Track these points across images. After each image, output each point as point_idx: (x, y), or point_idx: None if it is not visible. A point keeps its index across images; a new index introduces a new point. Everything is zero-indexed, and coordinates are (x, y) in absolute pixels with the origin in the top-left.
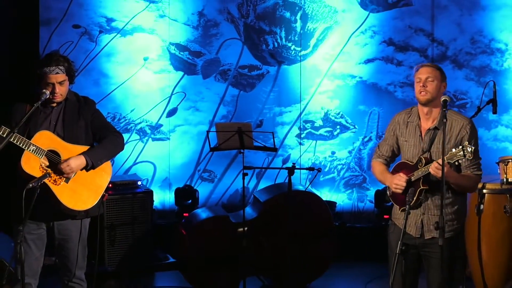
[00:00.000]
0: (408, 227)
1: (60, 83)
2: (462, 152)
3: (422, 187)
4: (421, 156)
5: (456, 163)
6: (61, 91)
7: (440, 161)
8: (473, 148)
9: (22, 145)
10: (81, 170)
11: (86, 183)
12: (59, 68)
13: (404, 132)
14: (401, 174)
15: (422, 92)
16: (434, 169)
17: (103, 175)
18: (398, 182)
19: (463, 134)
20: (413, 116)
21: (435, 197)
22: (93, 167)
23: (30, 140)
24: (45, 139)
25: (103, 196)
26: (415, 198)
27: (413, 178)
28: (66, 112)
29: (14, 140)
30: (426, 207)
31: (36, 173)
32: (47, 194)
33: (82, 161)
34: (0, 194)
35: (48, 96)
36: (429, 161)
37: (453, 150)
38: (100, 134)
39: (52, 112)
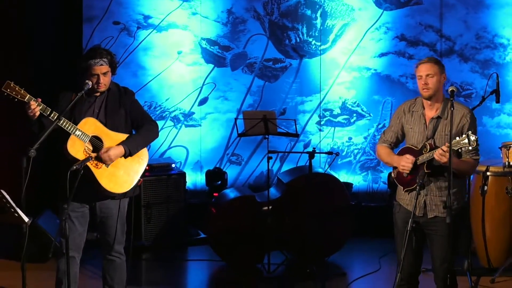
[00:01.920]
0: (412, 207)
1: (104, 74)
2: (466, 140)
3: (425, 171)
4: (426, 143)
5: (460, 150)
6: (104, 81)
7: (444, 148)
8: (476, 137)
9: (69, 129)
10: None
11: (124, 167)
12: (103, 60)
13: (409, 120)
14: (408, 156)
15: (425, 89)
16: (438, 155)
17: (140, 161)
18: (405, 164)
19: (464, 122)
20: (417, 106)
21: (437, 180)
22: (131, 155)
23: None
24: (90, 125)
25: (138, 181)
26: (420, 180)
27: (418, 162)
28: (108, 101)
29: (62, 124)
30: (429, 189)
31: (80, 156)
32: (89, 177)
33: (120, 150)
34: (47, 176)
35: (90, 86)
36: (433, 147)
37: (457, 138)
38: (138, 122)
39: (95, 101)
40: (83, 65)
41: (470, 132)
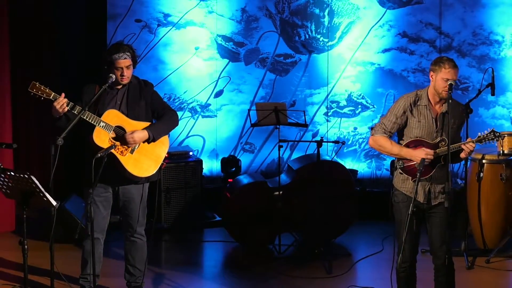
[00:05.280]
0: (416, 195)
1: (127, 67)
2: (492, 135)
3: (442, 163)
4: (443, 137)
5: (484, 143)
6: (128, 74)
7: (472, 144)
8: (501, 133)
9: (93, 122)
10: (143, 142)
11: (147, 153)
12: (126, 54)
13: (415, 113)
14: (426, 149)
15: (445, 92)
16: (469, 147)
17: (162, 147)
18: (428, 155)
19: (463, 117)
20: (422, 100)
21: (440, 170)
22: (154, 140)
23: (99, 117)
24: (113, 116)
25: (161, 164)
26: (433, 171)
27: (435, 155)
28: (129, 93)
29: (86, 117)
30: (433, 178)
31: (105, 145)
32: (115, 163)
33: (144, 134)
34: (73, 163)
35: (114, 80)
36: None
37: (480, 134)
38: (159, 112)
39: (117, 93)
40: (107, 59)
41: (494, 128)
